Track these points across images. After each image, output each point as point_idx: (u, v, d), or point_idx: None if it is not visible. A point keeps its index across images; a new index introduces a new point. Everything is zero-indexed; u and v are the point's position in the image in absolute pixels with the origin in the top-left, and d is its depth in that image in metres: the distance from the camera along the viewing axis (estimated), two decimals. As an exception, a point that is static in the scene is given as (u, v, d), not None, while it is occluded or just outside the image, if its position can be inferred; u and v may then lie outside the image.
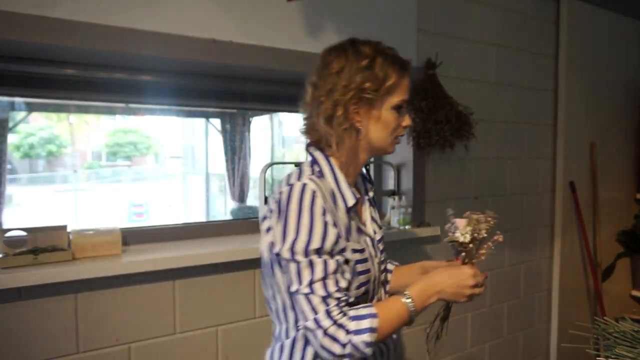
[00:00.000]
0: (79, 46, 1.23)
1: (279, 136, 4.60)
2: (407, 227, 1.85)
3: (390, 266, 1.26)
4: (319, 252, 0.90)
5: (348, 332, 0.90)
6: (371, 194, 1.15)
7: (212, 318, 1.49)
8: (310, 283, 0.90)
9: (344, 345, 0.90)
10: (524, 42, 2.31)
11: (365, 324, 0.91)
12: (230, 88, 1.69)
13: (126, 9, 1.28)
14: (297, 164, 1.77)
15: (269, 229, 0.98)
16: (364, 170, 1.15)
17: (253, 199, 3.86)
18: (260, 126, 4.65)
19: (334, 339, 0.90)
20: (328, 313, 0.90)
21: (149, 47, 1.32)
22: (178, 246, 1.48)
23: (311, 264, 0.90)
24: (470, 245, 1.05)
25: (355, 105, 0.97)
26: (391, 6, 1.78)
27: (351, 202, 1.00)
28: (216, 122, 4.14)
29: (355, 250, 1.00)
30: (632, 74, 2.80)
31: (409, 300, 0.97)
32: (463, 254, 1.07)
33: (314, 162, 1.01)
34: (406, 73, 1.01)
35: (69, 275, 1.22)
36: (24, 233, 1.29)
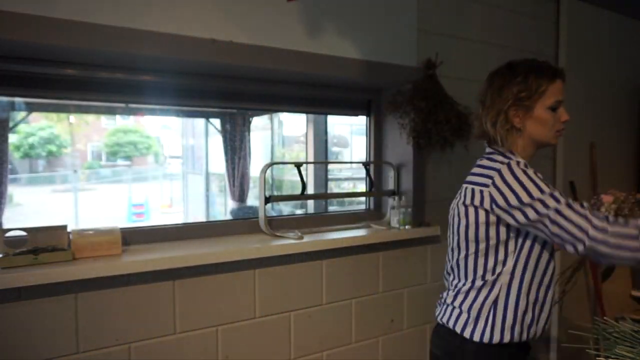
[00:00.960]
0: (79, 46, 1.23)
1: (279, 136, 4.59)
2: (407, 227, 1.85)
3: None
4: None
5: (637, 225, 1.07)
6: None
7: (212, 318, 1.49)
8: (565, 196, 1.14)
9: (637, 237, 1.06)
10: (524, 42, 2.31)
11: None
12: (230, 88, 1.69)
13: (126, 9, 1.28)
14: (297, 164, 1.77)
15: (482, 195, 1.23)
16: None
17: (253, 199, 3.86)
18: (260, 126, 4.65)
19: (623, 231, 1.07)
20: (599, 216, 1.09)
21: (149, 47, 1.32)
22: (178, 246, 1.48)
23: (558, 192, 1.14)
24: None
25: (514, 111, 1.24)
26: (391, 6, 1.78)
27: None
28: (216, 122, 4.13)
29: None
30: (632, 74, 2.80)
31: None
32: None
33: (503, 154, 1.25)
34: (557, 78, 1.24)
35: (68, 275, 1.22)
36: (24, 233, 1.29)
